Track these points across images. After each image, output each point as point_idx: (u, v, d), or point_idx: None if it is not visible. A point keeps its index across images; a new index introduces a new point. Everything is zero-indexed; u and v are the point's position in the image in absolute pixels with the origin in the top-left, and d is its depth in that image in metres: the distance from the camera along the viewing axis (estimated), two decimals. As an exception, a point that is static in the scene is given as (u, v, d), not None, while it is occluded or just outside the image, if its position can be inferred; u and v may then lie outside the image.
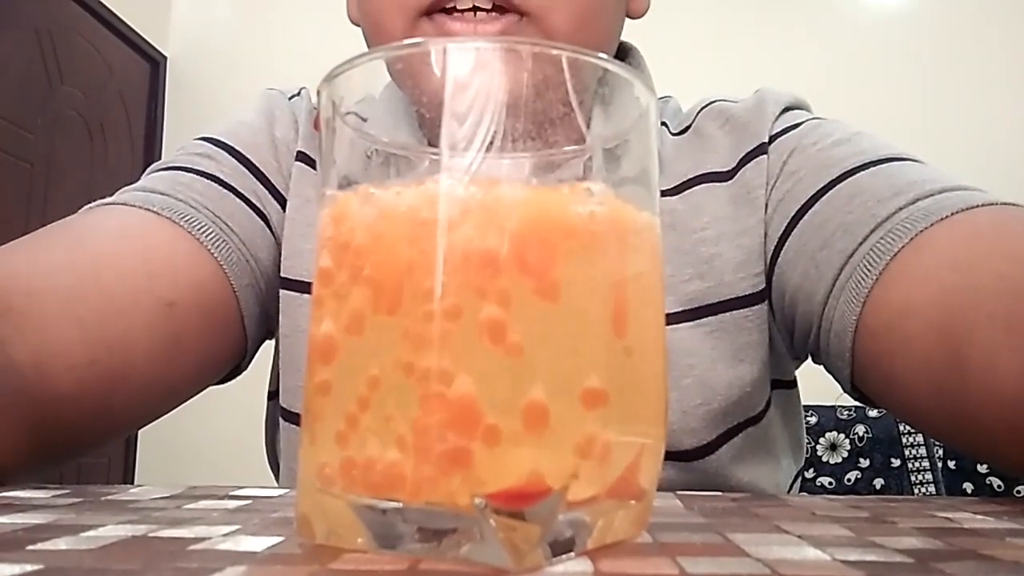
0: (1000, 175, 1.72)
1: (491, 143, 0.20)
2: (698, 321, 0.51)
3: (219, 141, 0.56)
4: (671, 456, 0.50)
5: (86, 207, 0.51)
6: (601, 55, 0.22)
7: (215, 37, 3.00)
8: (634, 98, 0.23)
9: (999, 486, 1.15)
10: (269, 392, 0.61)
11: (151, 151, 2.91)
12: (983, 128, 2.55)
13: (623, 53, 0.59)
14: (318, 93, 0.23)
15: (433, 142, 0.21)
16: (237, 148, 0.56)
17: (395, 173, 0.23)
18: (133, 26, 2.82)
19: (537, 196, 0.21)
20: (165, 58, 2.99)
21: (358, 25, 0.53)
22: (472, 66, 0.21)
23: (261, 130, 0.57)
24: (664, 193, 0.54)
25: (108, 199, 0.51)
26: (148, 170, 0.55)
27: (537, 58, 0.21)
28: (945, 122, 2.54)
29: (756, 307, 0.52)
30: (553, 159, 0.22)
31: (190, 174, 0.53)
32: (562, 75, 0.21)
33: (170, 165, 0.54)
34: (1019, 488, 1.14)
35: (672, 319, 0.51)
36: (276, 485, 0.55)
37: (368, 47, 0.51)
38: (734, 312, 0.51)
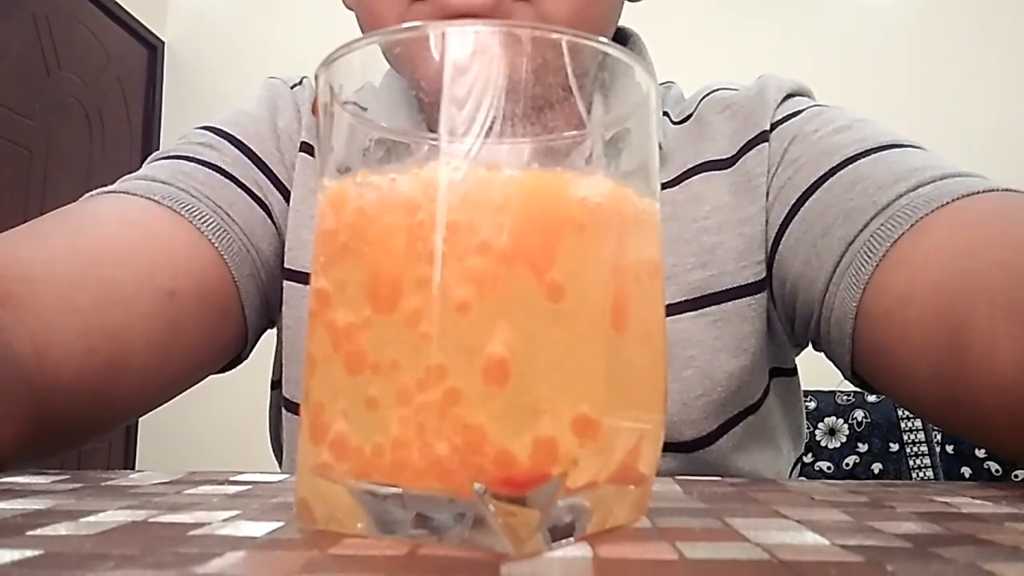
0: (996, 162, 1.72)
1: (490, 128, 0.20)
2: (701, 311, 0.51)
3: (221, 130, 0.55)
4: (672, 447, 0.50)
5: (87, 195, 0.51)
6: (601, 39, 0.22)
7: (213, 22, 2.98)
8: (635, 83, 0.23)
9: (997, 471, 1.15)
10: (272, 381, 0.62)
11: (149, 136, 2.90)
12: (981, 117, 2.55)
13: (624, 39, 0.58)
14: (316, 78, 0.23)
15: (432, 127, 0.21)
16: (239, 138, 0.55)
17: (394, 159, 0.23)
18: (131, 11, 2.81)
19: (536, 181, 0.20)
20: (163, 43, 2.98)
21: (352, 10, 0.53)
22: (471, 50, 0.21)
23: (263, 120, 0.57)
24: (665, 185, 0.54)
25: (109, 187, 0.51)
26: (149, 159, 0.55)
27: (536, 42, 0.21)
28: (944, 110, 2.53)
29: (758, 296, 0.51)
30: (553, 144, 0.22)
31: (191, 163, 0.52)
32: (562, 59, 0.21)
33: (171, 154, 0.54)
34: (1017, 472, 1.14)
35: (675, 309, 0.51)
36: (275, 471, 0.55)
37: (362, 33, 0.51)
38: (736, 301, 0.51)
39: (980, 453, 1.16)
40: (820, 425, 1.22)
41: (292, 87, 0.60)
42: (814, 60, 2.50)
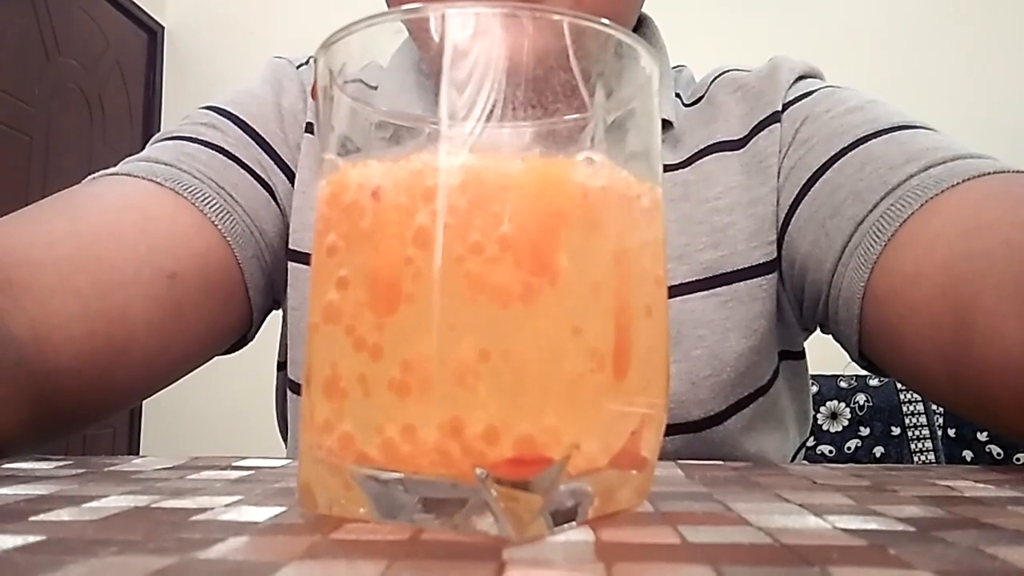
0: (1009, 145, 1.70)
1: (491, 112, 0.20)
2: (711, 291, 0.51)
3: (224, 111, 0.55)
4: (680, 427, 0.50)
5: (89, 178, 0.51)
6: (603, 20, 0.21)
7: (213, 7, 2.96)
8: (638, 66, 0.23)
9: (999, 454, 1.15)
10: (278, 363, 0.61)
11: (149, 122, 2.89)
12: (985, 102, 2.53)
13: (637, 22, 0.58)
14: (315, 61, 0.23)
15: (438, 109, 0.20)
16: (242, 118, 0.55)
17: (394, 142, 0.23)
18: (130, -5, 2.79)
19: (538, 166, 0.20)
20: (163, 28, 2.96)
21: None
22: (471, 32, 0.20)
23: (267, 100, 0.57)
24: (677, 166, 0.54)
25: (111, 170, 0.50)
26: (152, 140, 0.54)
27: (538, 24, 0.20)
28: (949, 93, 2.51)
29: (768, 276, 0.51)
30: (555, 128, 0.21)
31: (194, 144, 0.52)
32: (563, 41, 0.21)
33: (174, 135, 0.53)
34: (1019, 456, 1.14)
35: (685, 289, 0.51)
36: (278, 456, 0.56)
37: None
38: (747, 282, 0.51)
39: (982, 436, 1.17)
40: (822, 409, 1.22)
41: (298, 67, 0.59)
42: (828, 44, 2.48)
